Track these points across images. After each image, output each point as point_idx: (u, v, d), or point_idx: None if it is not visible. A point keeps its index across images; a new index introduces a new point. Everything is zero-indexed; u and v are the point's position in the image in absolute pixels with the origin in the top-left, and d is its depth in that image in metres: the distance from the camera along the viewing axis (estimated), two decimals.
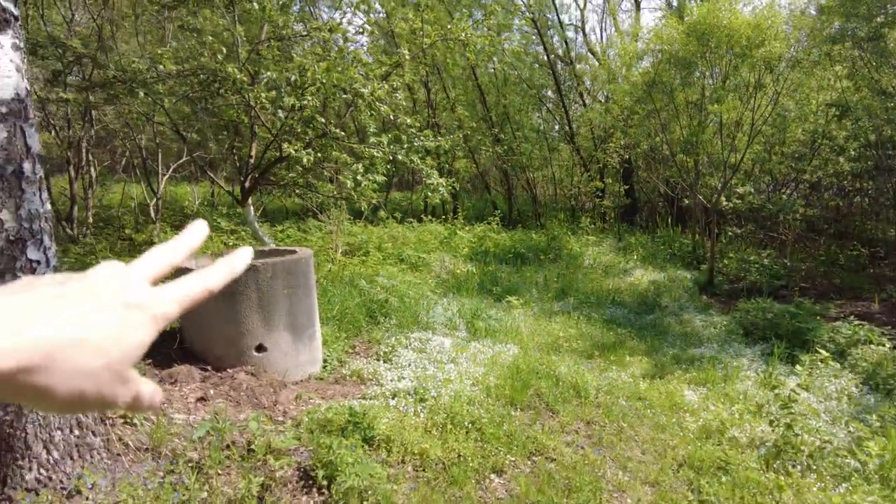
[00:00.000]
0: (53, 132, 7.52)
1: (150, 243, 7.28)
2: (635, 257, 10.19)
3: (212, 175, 7.27)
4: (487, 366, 4.53)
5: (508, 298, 6.99)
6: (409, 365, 4.51)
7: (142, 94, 5.45)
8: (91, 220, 7.67)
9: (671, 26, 8.83)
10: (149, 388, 0.43)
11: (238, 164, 7.56)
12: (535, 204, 15.42)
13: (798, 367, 4.51)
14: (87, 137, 7.69)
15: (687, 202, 10.47)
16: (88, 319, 0.36)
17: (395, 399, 3.86)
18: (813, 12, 10.05)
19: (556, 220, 13.43)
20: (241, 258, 0.48)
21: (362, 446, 3.17)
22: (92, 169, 7.85)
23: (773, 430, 3.71)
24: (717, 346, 5.68)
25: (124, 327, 0.38)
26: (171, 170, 9.42)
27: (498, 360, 4.69)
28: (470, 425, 3.52)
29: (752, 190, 9.02)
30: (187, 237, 0.48)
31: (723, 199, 8.38)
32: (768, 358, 5.20)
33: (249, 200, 7.28)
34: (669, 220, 12.41)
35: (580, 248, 10.74)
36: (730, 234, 9.84)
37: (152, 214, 8.23)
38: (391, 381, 4.21)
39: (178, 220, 9.59)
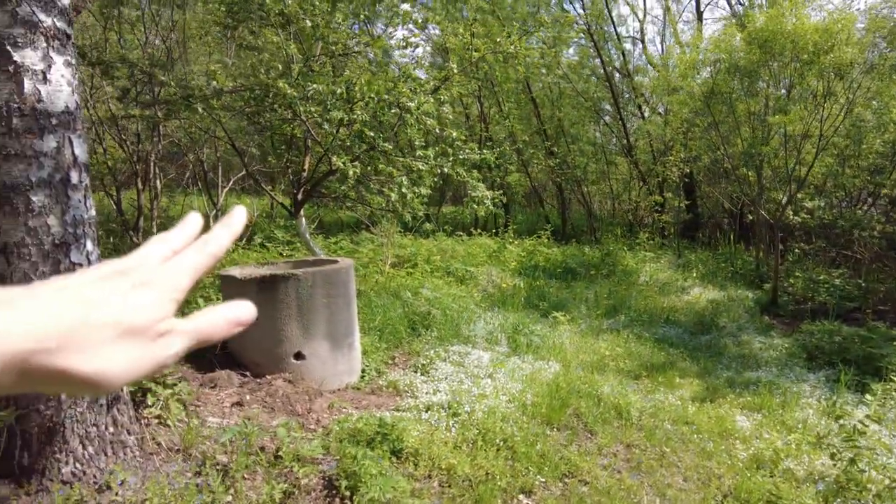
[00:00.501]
0: (123, 147, 8.01)
1: None
2: (694, 275, 9.76)
3: (264, 188, 7.52)
4: (525, 382, 4.42)
5: (555, 314, 6.82)
6: (446, 378, 4.46)
7: (200, 108, 5.71)
8: (155, 230, 8.09)
9: (730, 34, 8.47)
10: (212, 315, 0.43)
11: (292, 178, 7.80)
12: (591, 218, 15.10)
13: (868, 396, 4.13)
14: (154, 152, 8.15)
15: (751, 218, 9.94)
16: (99, 301, 0.37)
17: (428, 412, 3.81)
18: None
19: (613, 235, 13.08)
20: (237, 218, 0.48)
21: (389, 458, 3.14)
22: (158, 181, 8.30)
23: (834, 465, 3.40)
24: (777, 369, 5.31)
25: (138, 301, 0.39)
26: (231, 182, 9.83)
27: (537, 377, 4.57)
28: (501, 443, 3.42)
29: (822, 204, 8.45)
30: (183, 227, 0.48)
31: (788, 213, 7.89)
32: (834, 385, 4.82)
33: (302, 212, 7.48)
34: (732, 237, 11.83)
35: (636, 265, 10.40)
36: (797, 251, 9.25)
37: (211, 225, 8.58)
38: (426, 393, 4.17)
39: None
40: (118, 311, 0.38)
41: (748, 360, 5.69)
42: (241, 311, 0.44)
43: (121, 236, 7.79)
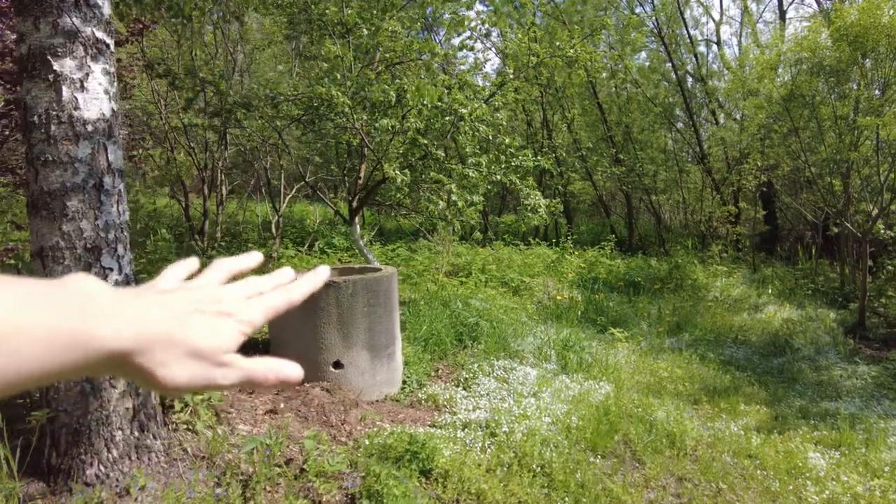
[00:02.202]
0: (192, 155, 8.36)
1: (270, 257, 7.78)
2: (770, 291, 9.05)
3: (322, 196, 7.64)
4: (572, 403, 4.16)
5: (612, 331, 6.48)
6: (487, 395, 4.29)
7: (258, 115, 5.85)
8: (219, 234, 8.39)
9: (815, 30, 7.80)
10: (267, 365, 0.48)
11: (349, 185, 7.88)
12: (660, 229, 14.41)
13: None
14: (221, 160, 8.47)
15: (836, 231, 9.11)
16: (186, 320, 0.44)
17: (465, 430, 3.65)
18: None
19: (683, 247, 12.40)
20: (320, 275, 0.55)
21: (418, 478, 3.00)
22: (223, 188, 8.62)
23: None
24: (861, 401, 4.75)
25: (215, 328, 0.45)
26: (294, 190, 10.07)
27: (585, 398, 4.30)
28: (538, 468, 3.21)
29: None
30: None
31: (879, 226, 7.14)
32: None
33: (356, 219, 7.53)
34: (814, 251, 10.91)
35: (706, 279, 9.78)
36: (889, 268, 8.37)
37: (273, 231, 8.82)
38: (465, 410, 4.01)
39: (297, 236, 10.23)
40: (197, 335, 0.44)
41: (826, 389, 5.13)
42: (291, 372, 0.49)
43: (187, 240, 8.13)
